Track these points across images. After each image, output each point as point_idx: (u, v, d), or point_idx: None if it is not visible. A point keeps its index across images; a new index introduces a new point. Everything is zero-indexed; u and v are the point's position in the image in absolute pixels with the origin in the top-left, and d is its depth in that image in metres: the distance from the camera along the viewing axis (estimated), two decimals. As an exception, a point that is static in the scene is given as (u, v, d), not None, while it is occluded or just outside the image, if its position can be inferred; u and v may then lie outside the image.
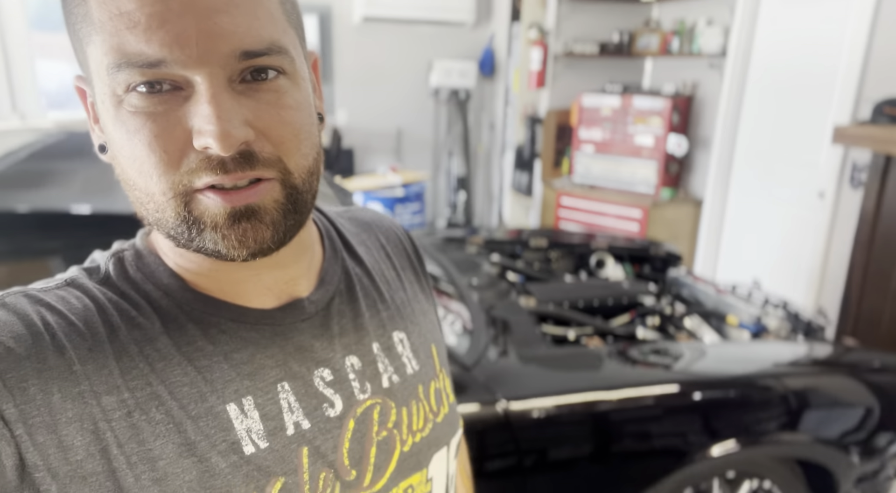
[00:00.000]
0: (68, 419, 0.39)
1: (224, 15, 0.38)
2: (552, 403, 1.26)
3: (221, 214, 0.40)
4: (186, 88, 0.39)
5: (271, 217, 0.41)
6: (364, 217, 0.64)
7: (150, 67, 0.37)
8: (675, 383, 1.37)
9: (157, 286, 0.46)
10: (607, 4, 3.90)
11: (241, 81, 0.40)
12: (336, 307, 0.52)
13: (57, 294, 0.43)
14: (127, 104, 0.39)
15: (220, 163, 0.39)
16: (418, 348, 0.58)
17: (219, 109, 0.38)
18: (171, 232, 0.41)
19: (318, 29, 4.41)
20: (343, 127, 4.69)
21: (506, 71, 4.71)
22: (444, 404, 0.58)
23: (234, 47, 0.38)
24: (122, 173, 0.42)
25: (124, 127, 0.39)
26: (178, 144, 0.39)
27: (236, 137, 0.38)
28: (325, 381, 0.49)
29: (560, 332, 1.67)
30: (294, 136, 0.42)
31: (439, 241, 2.29)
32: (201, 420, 0.42)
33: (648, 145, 3.58)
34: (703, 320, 1.92)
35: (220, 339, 0.45)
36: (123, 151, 0.40)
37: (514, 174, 4.53)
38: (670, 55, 3.70)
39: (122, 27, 0.37)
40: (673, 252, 2.41)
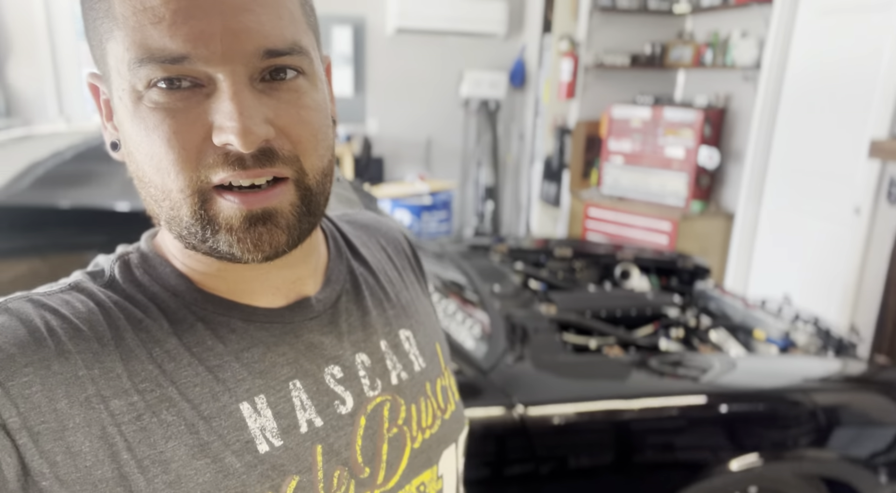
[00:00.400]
0: (76, 424, 0.38)
1: (249, 13, 0.38)
2: (570, 410, 1.26)
3: (237, 217, 0.40)
4: (208, 85, 0.39)
5: (287, 221, 0.41)
6: (364, 220, 0.64)
7: (173, 63, 0.37)
8: (702, 395, 1.36)
9: (164, 287, 0.45)
10: (640, 16, 3.89)
11: (261, 80, 0.40)
12: (343, 305, 0.52)
13: (61, 298, 0.42)
14: (147, 100, 0.38)
15: (239, 159, 0.39)
16: (424, 346, 0.58)
17: (241, 105, 0.38)
18: (184, 231, 0.41)
19: (351, 40, 4.50)
20: (374, 136, 4.76)
21: (536, 82, 4.72)
22: (450, 402, 0.59)
23: (259, 45, 0.39)
24: (136, 170, 0.42)
25: (143, 123, 0.39)
26: (197, 140, 0.39)
27: (258, 134, 0.38)
28: (336, 378, 0.49)
29: (581, 341, 1.66)
30: (312, 135, 0.42)
31: (464, 248, 2.31)
32: (214, 420, 0.42)
33: (679, 157, 3.54)
34: (729, 333, 1.89)
35: (230, 338, 0.45)
36: (141, 147, 0.40)
37: (542, 185, 4.52)
38: (703, 67, 3.66)
39: (145, 22, 0.37)
40: (701, 265, 2.38)
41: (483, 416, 1.17)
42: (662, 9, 3.80)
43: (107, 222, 1.28)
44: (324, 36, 4.51)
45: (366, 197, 1.55)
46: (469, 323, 1.35)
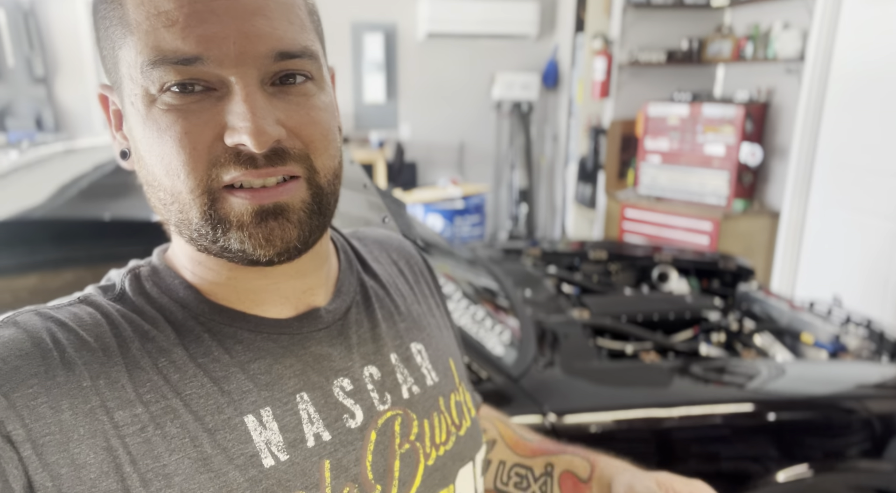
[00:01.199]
0: (80, 436, 0.38)
1: (261, 18, 0.39)
2: (605, 418, 1.21)
3: (248, 212, 0.40)
4: (220, 89, 0.39)
5: (298, 216, 0.42)
6: (375, 236, 0.64)
7: (186, 64, 0.38)
8: (748, 402, 1.29)
9: (172, 299, 0.45)
10: (675, 11, 3.79)
11: (271, 84, 0.40)
12: (353, 317, 0.52)
13: (69, 311, 0.42)
14: (160, 103, 0.39)
15: (250, 159, 0.39)
16: (437, 360, 0.57)
17: (253, 106, 0.38)
18: (194, 233, 0.41)
19: (383, 46, 4.53)
20: (406, 141, 4.77)
21: (569, 82, 4.66)
22: (466, 418, 0.56)
23: (271, 48, 0.39)
24: (146, 175, 0.42)
25: (155, 125, 0.39)
26: (208, 141, 0.39)
27: (270, 134, 0.38)
28: (345, 391, 0.48)
29: (617, 346, 1.61)
30: (323, 136, 0.43)
31: (497, 253, 2.28)
32: (218, 433, 0.41)
33: (719, 155, 3.43)
34: (775, 337, 1.80)
35: (236, 349, 0.44)
36: (152, 149, 0.40)
37: (577, 186, 4.45)
38: (743, 61, 3.54)
39: (158, 26, 0.38)
40: (744, 266, 2.28)
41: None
42: (699, 3, 3.70)
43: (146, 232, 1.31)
44: (356, 43, 4.56)
45: (394, 203, 1.54)
46: (499, 329, 1.32)
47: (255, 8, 0.39)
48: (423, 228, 1.82)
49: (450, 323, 0.65)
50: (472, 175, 4.94)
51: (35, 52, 4.24)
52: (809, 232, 3.30)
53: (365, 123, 4.74)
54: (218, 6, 0.38)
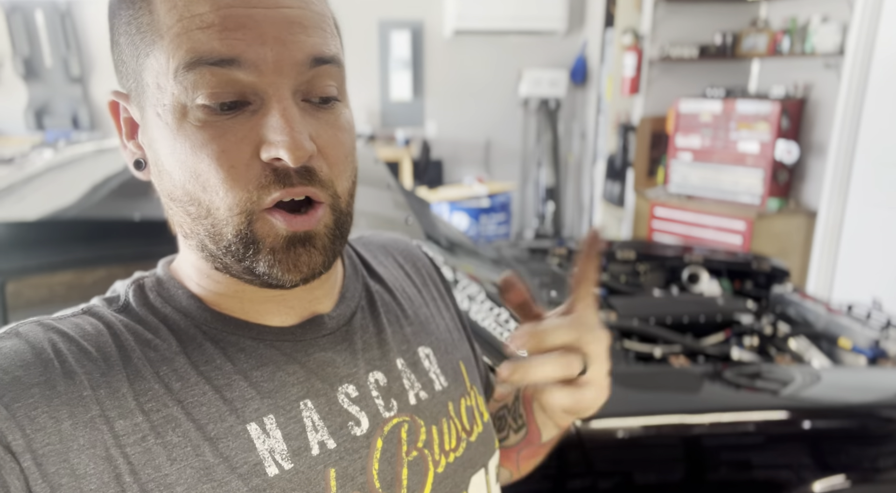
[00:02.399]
0: (80, 446, 0.37)
1: (298, 25, 0.39)
2: (633, 423, 1.18)
3: (281, 236, 0.40)
4: (253, 102, 0.39)
5: (322, 243, 0.42)
6: (379, 240, 0.64)
7: (223, 66, 0.38)
8: (783, 409, 1.25)
9: (175, 309, 0.45)
10: (709, 5, 3.70)
11: (303, 100, 0.41)
12: (358, 323, 0.51)
13: (72, 322, 0.43)
14: (192, 117, 0.39)
15: (286, 176, 0.39)
16: (445, 364, 0.55)
17: (290, 120, 0.38)
18: (223, 250, 0.41)
19: (410, 44, 4.53)
20: (433, 139, 4.76)
21: (598, 78, 4.59)
22: (477, 423, 0.55)
23: (307, 55, 0.40)
24: (173, 189, 0.41)
25: (188, 141, 0.39)
26: (245, 158, 0.39)
27: (306, 148, 0.38)
28: (350, 398, 0.47)
29: (645, 349, 1.57)
30: (346, 157, 0.43)
31: (522, 252, 2.26)
32: (221, 442, 0.40)
33: (753, 152, 3.34)
34: (810, 342, 1.74)
35: (238, 357, 0.44)
36: (185, 164, 0.40)
37: (605, 184, 4.39)
38: (780, 56, 3.43)
39: (193, 27, 0.38)
40: (779, 267, 2.21)
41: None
42: (733, -4, 3.60)
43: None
44: (383, 41, 4.56)
45: (417, 202, 1.53)
46: (522, 331, 1.30)
47: (292, 16, 0.39)
48: (447, 227, 1.81)
49: (462, 325, 0.64)
50: (498, 173, 4.91)
51: (71, 52, 4.35)
52: (848, 232, 3.19)
53: (391, 121, 4.74)
54: (256, 12, 0.38)
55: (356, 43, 4.55)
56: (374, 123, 4.71)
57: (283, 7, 0.39)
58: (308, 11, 0.40)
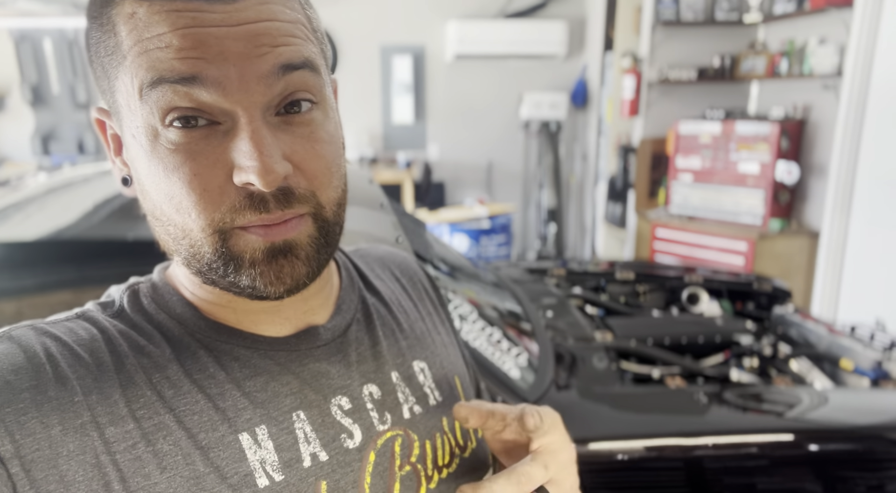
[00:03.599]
0: (69, 452, 0.37)
1: (264, 37, 0.38)
2: (627, 446, 1.16)
3: (260, 249, 0.40)
4: (223, 122, 0.38)
5: (306, 253, 0.41)
6: (377, 253, 0.64)
7: (185, 84, 0.37)
8: (787, 432, 1.23)
9: (170, 315, 0.45)
10: (706, 28, 3.73)
11: (275, 114, 0.39)
12: (353, 335, 0.51)
13: (65, 326, 0.42)
14: (164, 140, 0.38)
15: (262, 201, 0.39)
16: (440, 379, 0.55)
17: (260, 144, 0.37)
18: (204, 267, 0.41)
19: (412, 68, 4.59)
20: (435, 161, 4.79)
21: (598, 101, 4.62)
22: (471, 439, 0.54)
23: (273, 64, 0.38)
24: (152, 208, 0.41)
25: (161, 164, 0.39)
26: (218, 181, 0.38)
27: (278, 172, 0.37)
28: (343, 410, 0.46)
29: (643, 370, 1.55)
30: (327, 169, 0.42)
31: (520, 273, 2.24)
32: (212, 451, 0.40)
33: (754, 173, 3.33)
34: (812, 363, 1.71)
35: (232, 366, 0.44)
36: (159, 186, 0.39)
37: (606, 205, 4.38)
38: (778, 78, 3.45)
39: (152, 47, 0.37)
40: (781, 288, 2.19)
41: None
42: (731, 19, 3.64)
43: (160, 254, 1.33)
44: (385, 65, 4.62)
45: (412, 222, 1.53)
46: (515, 351, 1.28)
47: (257, 30, 0.38)
48: (444, 248, 1.80)
49: (457, 340, 0.64)
50: (500, 195, 4.92)
51: (78, 79, 4.43)
52: (851, 253, 3.16)
53: (393, 144, 4.78)
54: (217, 30, 0.37)
55: (359, 67, 4.61)
56: (377, 146, 4.74)
57: (248, 23, 0.38)
58: (276, 22, 0.39)
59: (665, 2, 3.63)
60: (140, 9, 0.37)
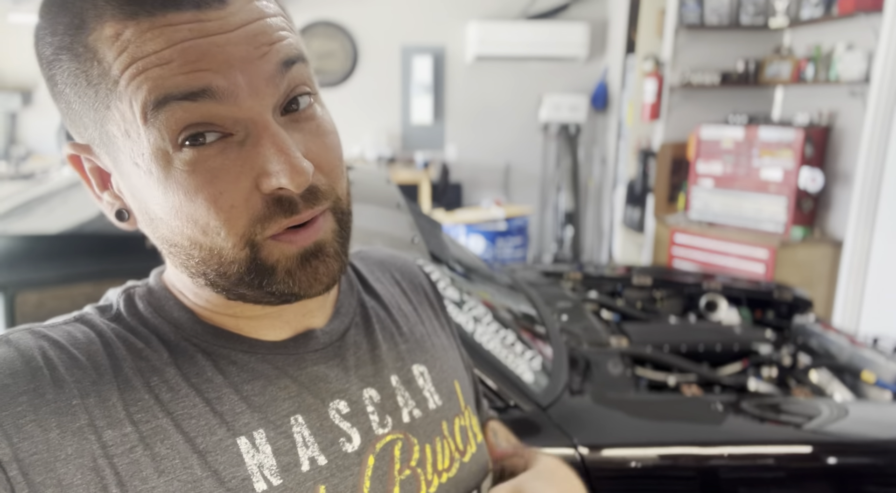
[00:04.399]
0: (67, 455, 0.37)
1: (261, 36, 0.37)
2: (641, 454, 1.15)
3: (294, 256, 0.40)
4: (236, 132, 0.37)
5: (334, 249, 0.42)
6: (377, 256, 0.63)
7: (194, 99, 0.35)
8: (806, 444, 1.20)
9: (166, 320, 0.45)
10: (730, 33, 3.68)
11: (281, 114, 0.39)
12: (352, 338, 0.51)
13: (63, 329, 0.42)
14: (178, 162, 0.37)
15: (291, 204, 0.38)
16: (440, 383, 0.55)
17: (284, 146, 0.37)
18: (233, 284, 0.40)
19: (431, 69, 4.59)
20: (452, 162, 4.79)
21: (619, 104, 4.58)
22: (471, 444, 0.54)
23: (276, 62, 0.38)
24: (171, 236, 0.40)
25: (181, 188, 0.37)
26: (245, 195, 0.38)
27: (307, 171, 0.37)
28: (342, 414, 0.46)
29: (658, 377, 1.53)
30: (339, 160, 0.42)
31: (536, 275, 2.23)
32: (209, 455, 0.40)
33: (777, 180, 3.28)
34: (832, 374, 1.68)
35: (230, 370, 0.43)
36: (181, 211, 0.38)
37: (625, 210, 4.35)
38: (804, 83, 3.39)
39: (150, 66, 0.35)
40: (802, 297, 2.15)
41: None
42: (757, 23, 3.58)
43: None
44: (405, 66, 4.63)
45: (428, 223, 1.53)
46: (529, 355, 1.28)
47: (254, 30, 0.37)
48: (460, 249, 1.80)
49: (457, 344, 0.63)
50: (517, 197, 4.90)
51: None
52: (875, 263, 3.10)
53: (411, 144, 4.79)
54: (217, 38, 0.36)
55: (379, 67, 4.63)
56: (395, 146, 4.75)
57: (243, 25, 0.37)
58: (267, 18, 0.38)
59: (689, 5, 3.59)
60: (126, 29, 0.35)
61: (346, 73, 4.61)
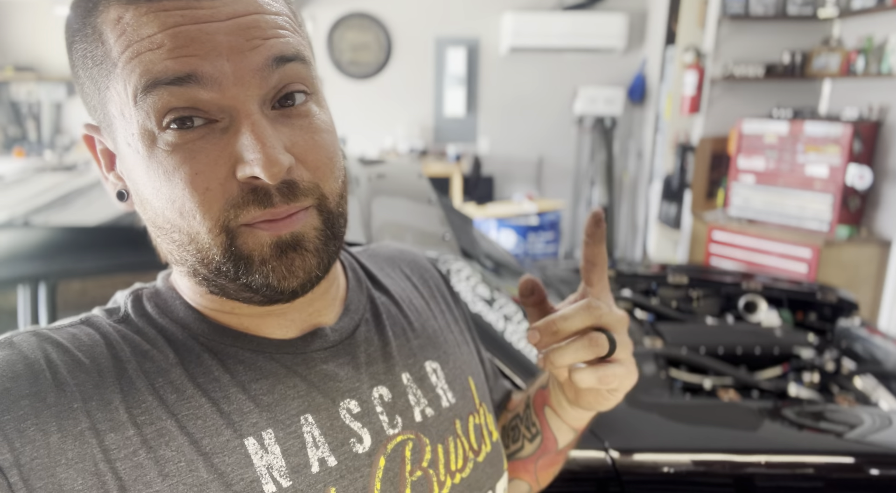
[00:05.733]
0: (68, 460, 0.36)
1: (254, 30, 0.38)
2: (673, 459, 1.11)
3: (268, 244, 0.39)
4: (221, 119, 0.38)
5: (314, 245, 0.41)
6: (386, 252, 0.63)
7: (180, 84, 0.36)
8: (848, 455, 1.15)
9: (172, 320, 0.44)
10: (776, 23, 3.55)
11: (272, 108, 0.39)
12: (362, 336, 0.50)
13: (68, 332, 0.42)
14: (162, 143, 0.37)
15: (266, 195, 0.38)
16: (454, 380, 0.53)
17: (262, 136, 0.37)
18: (214, 272, 0.40)
19: (465, 61, 4.55)
20: (485, 155, 4.76)
21: (657, 97, 4.48)
22: (485, 443, 0.53)
23: (266, 57, 0.38)
24: (154, 218, 0.40)
25: (161, 167, 0.38)
26: (221, 178, 0.38)
27: (282, 163, 0.37)
28: (352, 413, 0.45)
29: (694, 380, 1.49)
30: (329, 159, 0.41)
31: (567, 272, 2.20)
32: (216, 457, 0.39)
33: (822, 176, 3.16)
34: (878, 381, 1.61)
35: (237, 369, 0.43)
36: (161, 192, 0.38)
37: (661, 205, 4.25)
38: (853, 76, 3.25)
39: (144, 50, 0.36)
40: (847, 299, 2.07)
41: (570, 457, 1.06)
42: (804, 14, 3.44)
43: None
44: (438, 58, 4.60)
45: (459, 218, 1.52)
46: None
47: (247, 23, 0.37)
48: (491, 245, 1.78)
49: (472, 337, 0.62)
50: (549, 191, 4.85)
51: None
52: (927, 264, 2.96)
53: (444, 137, 4.77)
54: (208, 26, 0.36)
55: (413, 59, 4.61)
56: (427, 139, 4.74)
57: (237, 16, 0.37)
58: (264, 14, 0.39)
59: (733, -6, 3.47)
60: (127, 13, 0.36)
61: (380, 64, 4.61)
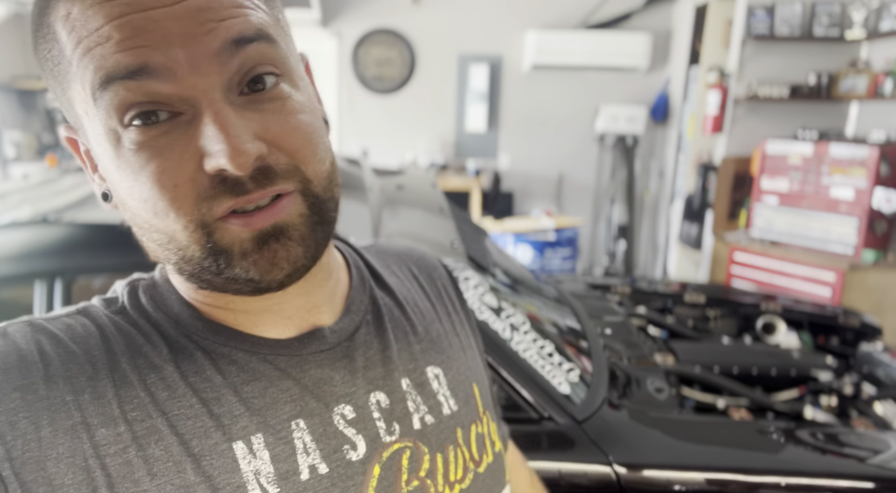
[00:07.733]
0: (58, 454, 0.36)
1: (207, 12, 0.35)
2: (686, 477, 1.09)
3: (248, 239, 0.37)
4: (185, 112, 0.36)
5: (300, 233, 0.39)
6: (393, 249, 0.60)
7: (133, 78, 0.34)
8: (869, 479, 1.12)
9: (166, 315, 0.43)
10: (802, 44, 3.51)
11: (239, 94, 0.37)
12: (362, 338, 0.48)
13: (63, 322, 0.41)
14: (126, 141, 0.36)
15: (237, 184, 0.36)
16: (457, 386, 0.51)
17: (225, 125, 0.35)
18: (197, 268, 0.39)
19: (488, 77, 4.58)
20: (505, 171, 4.77)
21: (680, 116, 4.45)
22: (487, 452, 0.51)
23: (224, 39, 0.35)
24: (133, 218, 0.39)
25: (128, 166, 0.36)
26: (189, 173, 0.36)
27: (249, 153, 0.35)
28: (347, 419, 0.44)
29: (707, 399, 1.46)
30: (307, 140, 0.39)
31: (582, 287, 2.18)
32: (204, 459, 0.38)
33: (848, 199, 3.09)
34: (901, 408, 1.55)
35: (229, 370, 0.41)
36: (133, 192, 0.37)
37: (682, 225, 4.20)
38: (881, 98, 3.20)
39: (93, 45, 0.35)
40: (870, 324, 2.01)
41: (573, 471, 1.04)
42: (831, 35, 3.40)
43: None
44: (461, 74, 4.64)
45: (472, 229, 1.52)
46: (567, 366, 1.24)
47: (197, 5, 0.35)
48: (504, 257, 1.77)
49: (476, 344, 0.60)
50: (569, 208, 4.82)
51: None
52: (957, 292, 2.87)
53: (464, 152, 4.79)
54: (154, 13, 0.34)
55: (436, 74, 4.66)
56: (448, 153, 4.77)
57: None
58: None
59: (758, 15, 3.45)
60: (73, 8, 0.35)
61: (404, 79, 4.67)
